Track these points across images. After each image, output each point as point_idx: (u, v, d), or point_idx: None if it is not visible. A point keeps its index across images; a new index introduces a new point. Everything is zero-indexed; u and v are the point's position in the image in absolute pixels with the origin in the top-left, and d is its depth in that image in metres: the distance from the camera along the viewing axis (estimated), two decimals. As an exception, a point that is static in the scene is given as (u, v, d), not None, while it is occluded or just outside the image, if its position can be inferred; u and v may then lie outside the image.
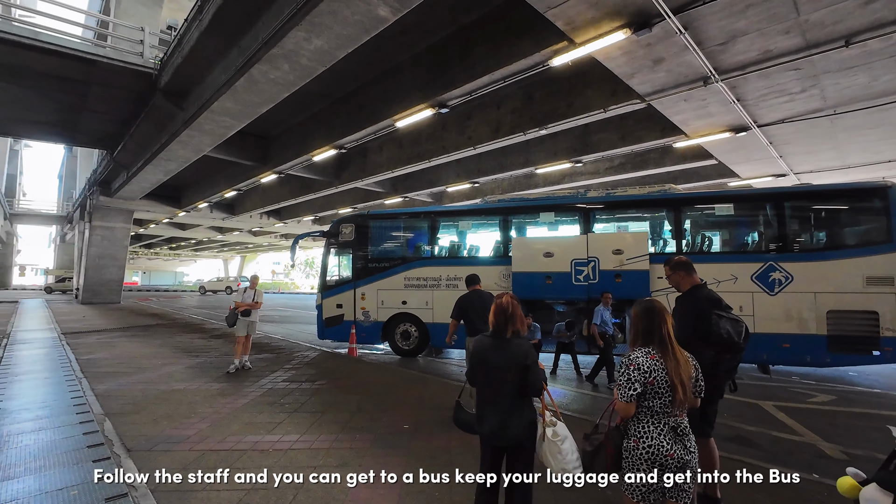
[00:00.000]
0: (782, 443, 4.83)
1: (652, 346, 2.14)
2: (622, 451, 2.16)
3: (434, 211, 10.00)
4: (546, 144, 12.82)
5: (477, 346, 2.52)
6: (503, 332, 2.45)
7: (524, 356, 2.39)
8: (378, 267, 9.81)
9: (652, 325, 2.15)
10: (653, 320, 2.16)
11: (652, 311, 2.19)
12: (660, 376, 2.06)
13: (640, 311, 2.23)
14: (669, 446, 2.03)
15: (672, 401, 2.05)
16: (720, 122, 9.14)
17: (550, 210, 9.01)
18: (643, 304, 2.25)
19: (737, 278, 7.66)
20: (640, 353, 2.14)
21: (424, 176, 16.95)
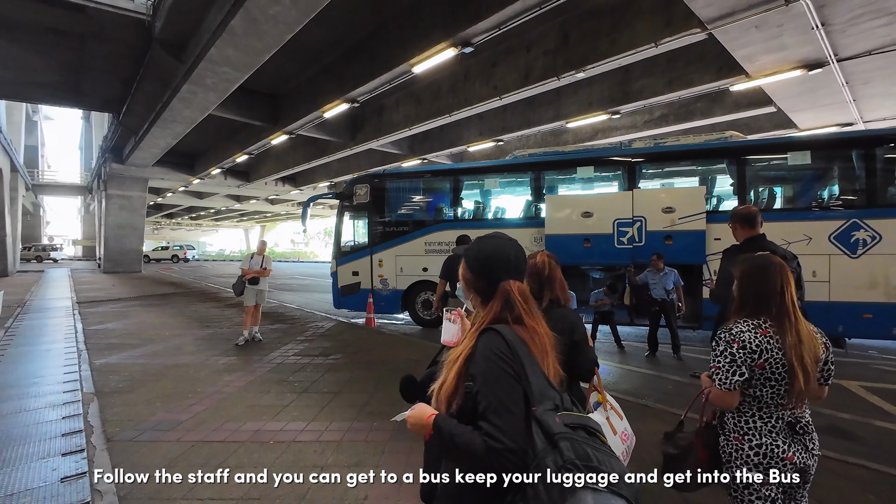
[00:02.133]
0: (889, 434, 3.95)
1: (765, 317, 1.63)
2: (719, 454, 1.71)
3: (457, 168, 9.05)
4: (580, 94, 11.52)
5: None
6: (538, 300, 1.89)
7: (570, 330, 1.88)
8: (396, 231, 9.02)
9: (768, 287, 1.62)
10: (770, 281, 1.63)
11: (767, 268, 1.65)
12: (774, 357, 1.58)
13: (751, 268, 1.69)
14: (786, 447, 1.59)
15: (789, 390, 1.58)
16: (792, 57, 7.77)
17: (590, 164, 7.94)
18: (755, 259, 1.71)
19: (811, 239, 6.58)
20: (748, 326, 1.63)
21: (444, 135, 15.83)
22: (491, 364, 1.01)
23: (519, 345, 1.05)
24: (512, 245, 1.20)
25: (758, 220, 3.04)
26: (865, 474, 3.10)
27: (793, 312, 1.61)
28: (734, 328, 1.65)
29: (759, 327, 1.62)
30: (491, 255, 1.18)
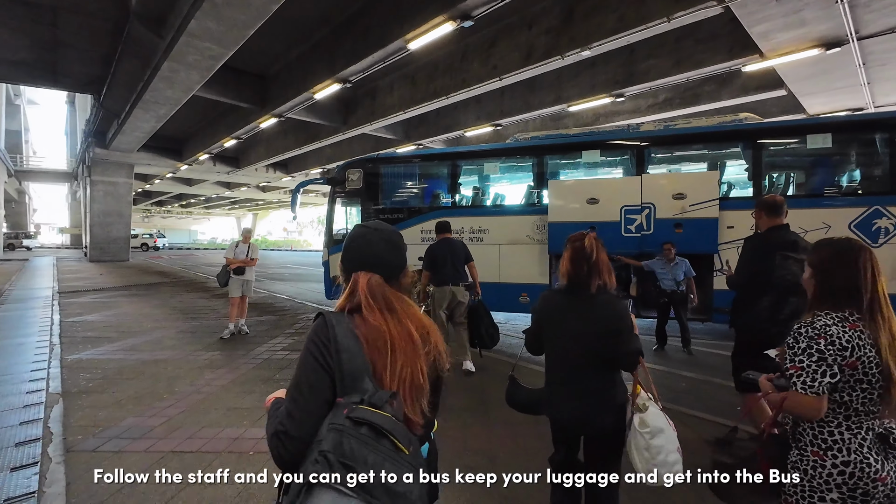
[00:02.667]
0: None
1: (851, 310, 1.36)
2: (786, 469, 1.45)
3: (455, 152, 8.59)
4: (582, 77, 11.04)
5: (547, 305, 1.94)
6: (585, 285, 1.82)
7: (617, 318, 1.81)
8: (391, 219, 8.56)
9: (857, 275, 1.36)
10: (859, 268, 1.36)
11: (855, 253, 1.39)
12: (867, 356, 1.31)
13: (836, 253, 1.42)
14: (878, 465, 1.33)
15: (884, 396, 1.33)
16: (811, 34, 7.36)
17: (596, 148, 7.52)
18: (839, 243, 1.45)
19: (830, 227, 6.23)
20: (832, 319, 1.36)
21: (440, 120, 15.30)
22: (304, 349, 1.00)
23: (346, 334, 0.98)
24: (379, 236, 1.11)
25: (783, 210, 2.91)
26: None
27: (884, 306, 1.35)
28: (817, 322, 1.36)
29: (846, 321, 1.35)
30: (350, 246, 1.12)
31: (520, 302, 7.72)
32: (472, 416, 3.82)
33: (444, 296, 5.16)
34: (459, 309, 5.30)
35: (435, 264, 5.05)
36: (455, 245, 5.16)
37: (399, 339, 0.99)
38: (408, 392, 0.97)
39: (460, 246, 5.32)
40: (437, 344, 1.05)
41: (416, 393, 0.98)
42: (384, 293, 1.04)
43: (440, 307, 5.22)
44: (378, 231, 1.12)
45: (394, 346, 0.98)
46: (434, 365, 1.05)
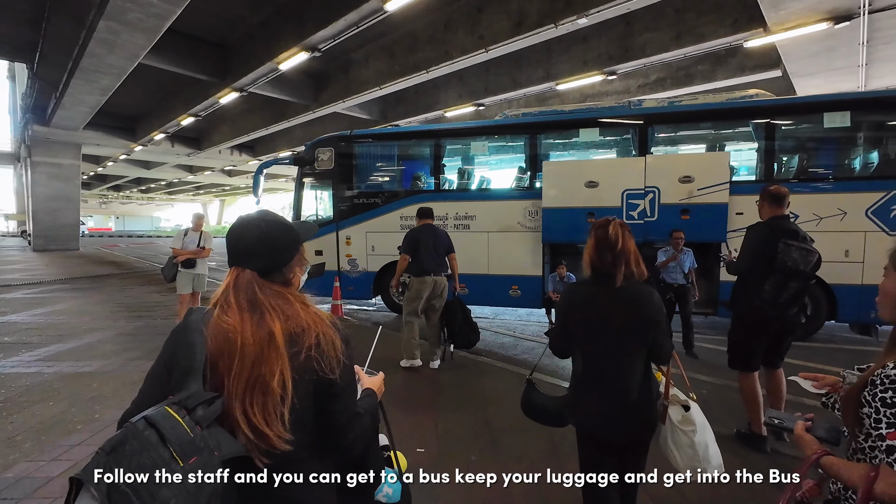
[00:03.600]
0: None
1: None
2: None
3: (438, 130, 7.74)
4: (574, 51, 10.31)
5: (573, 300, 1.75)
6: (612, 276, 1.65)
7: (655, 310, 1.64)
8: (366, 203, 7.69)
9: None
10: None
11: None
12: None
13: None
14: None
15: None
16: (823, 5, 6.83)
17: (594, 125, 6.82)
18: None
19: (845, 213, 5.76)
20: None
21: (419, 98, 14.32)
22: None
23: (195, 330, 0.91)
24: (253, 228, 1.01)
25: (786, 201, 3.02)
26: None
27: None
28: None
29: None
30: (228, 238, 1.03)
31: (510, 296, 7.04)
32: (486, 440, 3.10)
33: (425, 286, 4.64)
34: (440, 302, 4.80)
35: (417, 250, 4.58)
36: (439, 233, 4.77)
37: (251, 340, 0.90)
38: (254, 399, 0.87)
39: (444, 234, 4.86)
40: (316, 345, 0.94)
41: (266, 400, 0.87)
42: (251, 290, 0.95)
43: (417, 298, 4.67)
44: (252, 223, 1.01)
45: (243, 347, 0.89)
46: (310, 368, 0.93)
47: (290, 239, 1.04)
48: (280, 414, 0.87)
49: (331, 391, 0.96)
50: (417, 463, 2.80)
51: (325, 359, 0.93)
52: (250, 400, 0.86)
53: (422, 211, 4.93)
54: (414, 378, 4.51)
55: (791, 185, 6.18)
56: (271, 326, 0.91)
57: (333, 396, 0.96)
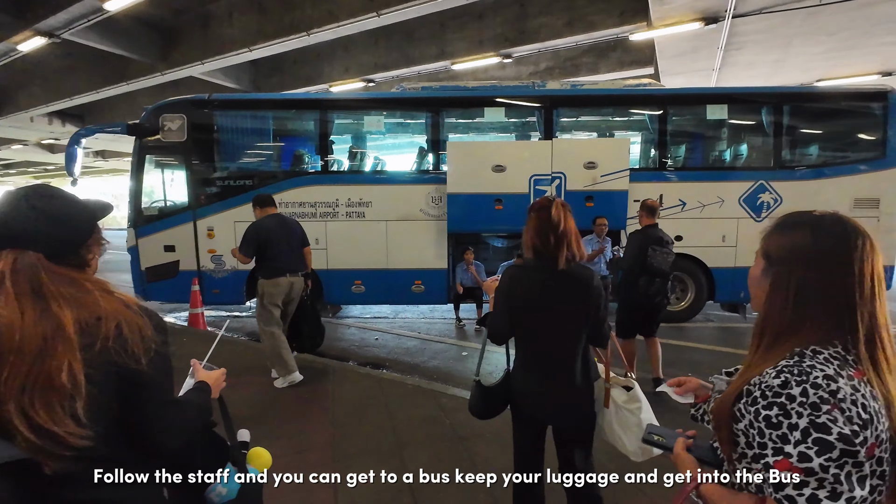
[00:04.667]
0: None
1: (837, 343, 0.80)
2: None
3: (325, 100, 6.58)
4: (469, 30, 9.79)
5: (515, 283, 1.71)
6: (555, 258, 1.62)
7: (597, 293, 1.66)
8: (234, 186, 6.24)
9: (851, 280, 0.79)
10: (854, 269, 0.79)
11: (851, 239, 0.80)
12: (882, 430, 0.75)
13: (821, 239, 0.82)
14: None
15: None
16: (699, 5, 7.23)
17: (501, 105, 6.34)
18: (824, 223, 0.83)
19: (723, 201, 6.18)
20: (829, 362, 0.77)
21: (298, 69, 12.56)
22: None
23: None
24: (35, 205, 0.89)
25: (658, 212, 3.93)
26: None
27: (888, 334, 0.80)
28: (815, 373, 0.74)
29: (846, 362, 0.78)
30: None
31: (413, 292, 6.30)
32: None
33: (279, 290, 3.78)
34: (293, 306, 3.98)
35: (266, 248, 3.74)
36: (289, 223, 3.99)
37: (32, 332, 0.80)
38: (35, 397, 0.78)
39: (296, 224, 4.08)
40: (117, 335, 0.86)
41: (52, 397, 0.79)
42: (35, 276, 0.85)
43: (273, 305, 3.77)
44: (31, 198, 0.90)
45: (21, 341, 0.79)
46: (108, 359, 0.85)
47: (82, 216, 0.95)
48: (71, 410, 0.80)
49: (137, 381, 0.89)
50: None
51: (128, 349, 0.86)
52: (31, 399, 0.78)
53: (260, 199, 4.01)
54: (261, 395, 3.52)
55: (679, 174, 6.54)
56: (59, 317, 0.83)
57: (139, 387, 0.89)
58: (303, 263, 4.00)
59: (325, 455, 2.69)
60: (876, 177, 6.10)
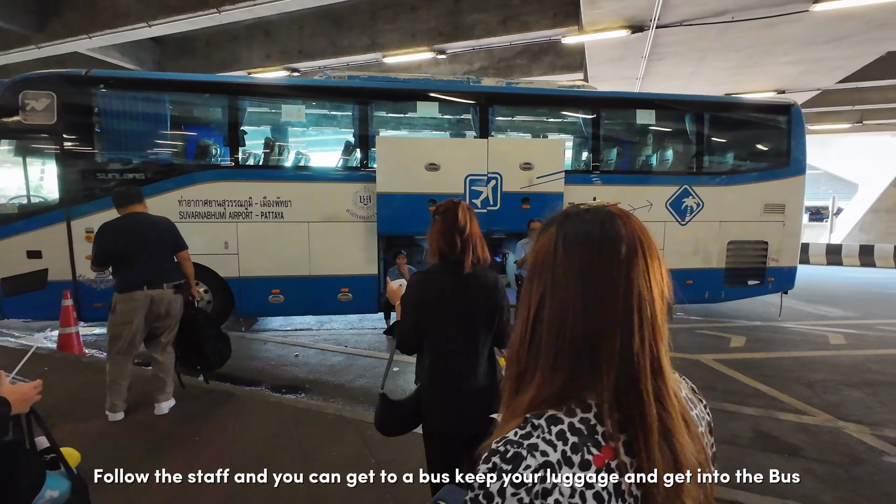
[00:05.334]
0: (808, 431, 3.42)
1: (588, 399, 0.58)
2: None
3: (236, 83, 5.76)
4: (401, 21, 9.31)
5: (424, 288, 1.66)
6: (461, 262, 1.62)
7: (501, 295, 1.69)
8: (121, 180, 5.26)
9: (605, 302, 0.58)
10: (600, 288, 0.58)
11: (604, 244, 0.59)
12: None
13: (572, 247, 0.60)
14: None
15: None
16: (626, 12, 7.39)
17: (435, 99, 5.95)
18: (583, 221, 0.62)
19: (652, 205, 6.31)
20: (556, 451, 0.54)
21: (211, 52, 11.28)
22: None
23: None
24: None
25: None
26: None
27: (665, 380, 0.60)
28: (528, 460, 0.54)
29: (589, 441, 0.56)
30: None
31: (339, 300, 5.73)
32: None
33: (135, 307, 3.09)
34: (168, 323, 3.27)
35: (115, 256, 3.10)
36: (156, 223, 3.26)
37: None
38: None
39: (166, 225, 3.32)
40: None
41: None
42: None
43: (126, 325, 3.11)
44: None
45: None
46: None
47: None
48: None
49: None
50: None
51: None
52: None
53: (118, 195, 3.28)
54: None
55: (610, 177, 6.58)
56: None
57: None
58: (170, 273, 3.26)
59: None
60: (782, 184, 6.56)
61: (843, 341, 5.81)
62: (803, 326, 6.55)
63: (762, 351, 5.39)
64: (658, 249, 0.62)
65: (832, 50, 9.14)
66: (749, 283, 6.63)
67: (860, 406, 3.89)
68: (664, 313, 0.60)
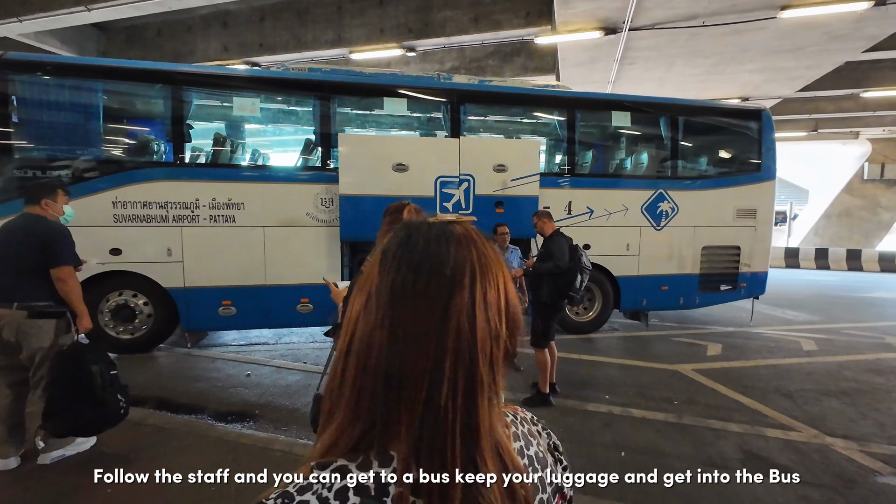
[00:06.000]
0: (796, 449, 3.24)
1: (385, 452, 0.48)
2: None
3: (182, 72, 5.18)
4: (369, 15, 8.89)
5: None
6: None
7: None
8: (39, 178, 4.62)
9: (417, 337, 0.46)
10: (413, 318, 0.46)
11: (422, 265, 0.48)
12: None
13: (389, 267, 0.49)
14: None
15: None
16: (600, 13, 7.27)
17: (401, 96, 5.58)
18: (409, 234, 0.51)
19: (628, 209, 6.14)
20: (334, 489, 0.45)
21: (163, 42, 10.49)
22: None
23: None
24: None
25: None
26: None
27: (470, 442, 0.47)
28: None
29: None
30: None
31: (299, 312, 5.25)
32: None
33: None
34: (27, 360, 2.62)
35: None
36: (20, 229, 2.59)
37: None
38: None
39: (36, 233, 2.60)
40: None
41: None
42: None
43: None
44: None
45: None
46: None
47: None
48: None
49: None
50: None
51: None
52: None
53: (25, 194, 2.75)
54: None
55: (586, 181, 6.38)
56: None
57: None
58: (22, 291, 2.57)
59: None
60: (753, 189, 6.53)
61: (815, 347, 5.80)
62: (775, 332, 6.54)
63: (739, 359, 5.28)
64: (503, 282, 0.51)
65: (793, 59, 9.37)
66: (722, 288, 6.57)
67: (842, 418, 3.77)
68: (500, 358, 0.49)
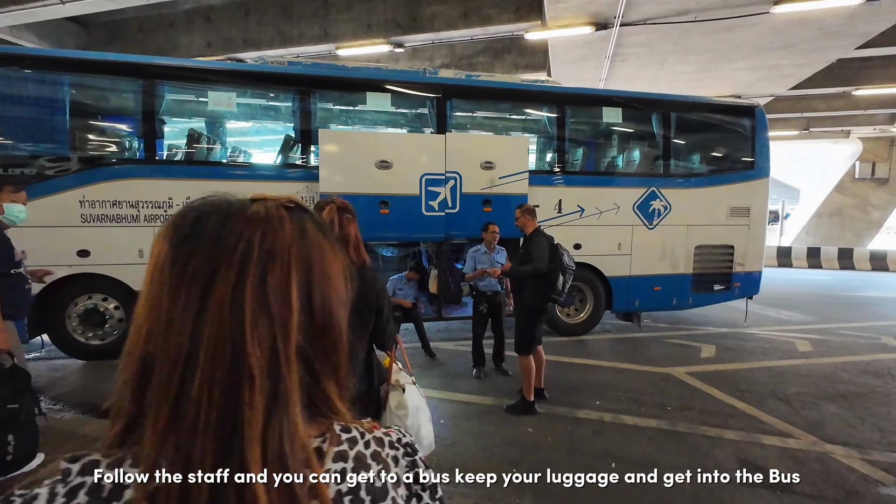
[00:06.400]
0: (795, 458, 3.08)
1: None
2: None
3: (154, 65, 4.95)
4: (356, 10, 8.68)
5: None
6: None
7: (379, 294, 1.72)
8: (5, 176, 4.39)
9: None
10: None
11: (188, 249, 0.42)
12: None
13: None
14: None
15: None
16: (591, 8, 7.12)
17: (385, 91, 5.38)
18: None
19: (619, 207, 5.99)
20: (69, 486, 0.40)
21: (145, 38, 10.22)
22: None
23: None
24: None
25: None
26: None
27: (225, 448, 0.40)
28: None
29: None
30: None
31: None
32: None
33: None
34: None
35: None
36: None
37: None
38: None
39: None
40: None
41: None
42: None
43: None
44: None
45: None
46: None
47: None
48: None
49: None
50: None
51: None
52: None
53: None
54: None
55: (574, 178, 6.21)
56: None
57: None
58: None
59: None
60: (746, 186, 6.41)
61: (810, 348, 5.67)
62: (769, 333, 6.42)
63: (734, 361, 5.13)
64: (303, 269, 0.44)
65: (786, 56, 9.28)
66: (715, 288, 6.43)
67: (841, 424, 3.63)
68: (292, 354, 0.40)
